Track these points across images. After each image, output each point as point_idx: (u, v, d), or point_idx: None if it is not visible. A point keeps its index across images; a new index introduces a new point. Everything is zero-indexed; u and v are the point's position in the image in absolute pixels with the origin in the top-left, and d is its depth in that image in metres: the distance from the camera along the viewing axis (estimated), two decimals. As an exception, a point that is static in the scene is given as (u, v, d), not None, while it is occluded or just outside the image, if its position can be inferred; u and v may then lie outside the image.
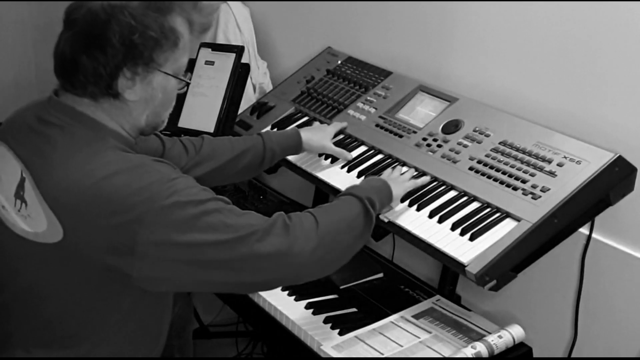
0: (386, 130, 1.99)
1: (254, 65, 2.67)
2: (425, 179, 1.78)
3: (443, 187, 1.76)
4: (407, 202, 1.75)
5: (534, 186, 1.63)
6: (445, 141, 1.85)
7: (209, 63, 2.29)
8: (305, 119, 2.18)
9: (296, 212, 1.49)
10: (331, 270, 1.53)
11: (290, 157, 2.07)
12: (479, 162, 1.75)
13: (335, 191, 1.90)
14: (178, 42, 1.45)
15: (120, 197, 1.33)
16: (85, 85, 1.41)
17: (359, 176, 1.89)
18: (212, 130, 2.21)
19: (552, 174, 1.64)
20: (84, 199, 1.34)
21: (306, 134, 1.98)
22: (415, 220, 1.70)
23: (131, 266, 1.35)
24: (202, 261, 1.36)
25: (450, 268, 1.64)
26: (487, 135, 1.80)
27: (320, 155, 2.01)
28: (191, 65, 2.31)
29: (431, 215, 1.70)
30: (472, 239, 1.60)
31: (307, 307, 1.74)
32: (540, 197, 1.60)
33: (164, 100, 1.50)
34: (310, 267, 1.46)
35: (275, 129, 2.19)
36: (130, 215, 1.32)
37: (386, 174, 1.79)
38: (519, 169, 1.69)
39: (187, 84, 1.54)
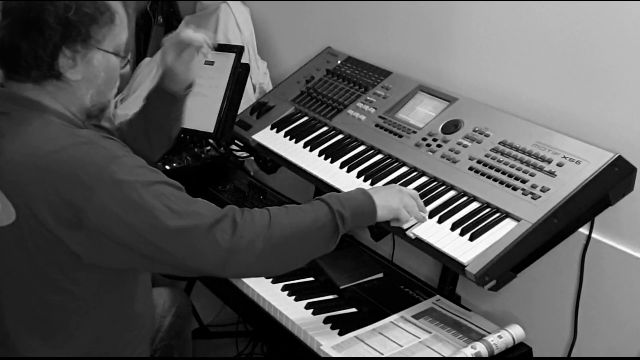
0: (386, 130, 1.99)
1: (254, 65, 2.67)
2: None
3: (443, 187, 1.76)
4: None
5: (533, 186, 1.63)
6: (445, 141, 1.85)
7: (209, 63, 2.29)
8: (305, 118, 2.18)
9: (255, 209, 1.47)
10: (280, 272, 1.52)
11: (289, 157, 2.06)
12: (479, 162, 1.75)
13: (335, 191, 1.90)
14: (114, 18, 1.48)
15: (66, 172, 1.35)
16: (28, 70, 1.44)
17: (358, 176, 1.89)
18: (212, 130, 2.21)
19: (551, 174, 1.64)
20: (31, 175, 1.37)
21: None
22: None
23: (77, 242, 1.38)
24: (142, 245, 1.38)
25: (450, 268, 1.64)
26: (487, 135, 1.80)
27: (320, 155, 2.01)
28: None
29: (431, 215, 1.69)
30: (472, 239, 1.60)
31: (307, 307, 1.74)
32: (540, 197, 1.60)
33: (107, 79, 1.52)
34: (253, 268, 1.46)
35: (275, 130, 2.19)
36: (76, 191, 1.35)
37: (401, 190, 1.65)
38: (518, 169, 1.69)
39: (128, 62, 1.56)
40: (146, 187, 1.37)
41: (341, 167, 1.95)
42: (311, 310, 1.72)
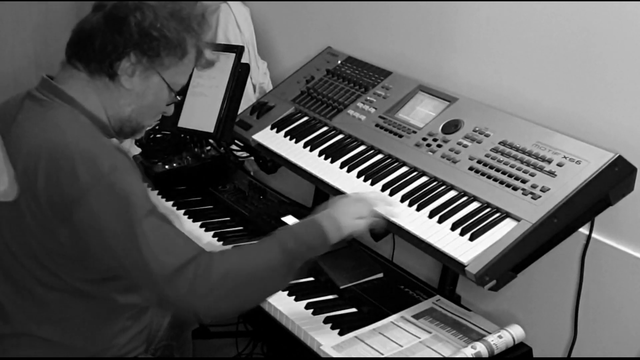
0: (386, 130, 1.99)
1: (254, 65, 2.67)
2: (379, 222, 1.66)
3: (443, 187, 1.76)
4: (407, 202, 1.76)
5: (533, 186, 1.63)
6: (445, 141, 1.85)
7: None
8: (305, 118, 2.18)
9: (218, 253, 1.48)
10: (238, 313, 1.57)
11: (289, 157, 2.07)
12: (479, 162, 1.75)
13: (335, 191, 1.91)
14: (184, 57, 1.56)
15: (70, 166, 1.40)
16: (91, 60, 1.51)
17: (358, 176, 1.89)
18: (212, 130, 2.21)
19: (552, 174, 1.64)
20: (41, 161, 1.42)
21: None
22: (415, 220, 1.70)
23: (64, 234, 1.43)
24: (109, 254, 1.43)
25: (450, 268, 1.64)
26: (487, 135, 1.80)
27: (320, 155, 2.01)
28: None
29: (431, 215, 1.70)
30: (472, 239, 1.60)
31: (307, 307, 1.73)
32: (540, 197, 1.60)
33: (152, 104, 1.58)
34: (210, 311, 1.47)
35: (275, 130, 2.19)
36: (74, 187, 1.39)
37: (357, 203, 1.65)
38: (518, 169, 1.69)
39: (174, 102, 1.63)
40: (137, 207, 1.40)
41: (341, 167, 1.95)
42: (311, 310, 1.72)
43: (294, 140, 2.12)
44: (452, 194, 1.74)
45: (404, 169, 1.86)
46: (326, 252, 1.88)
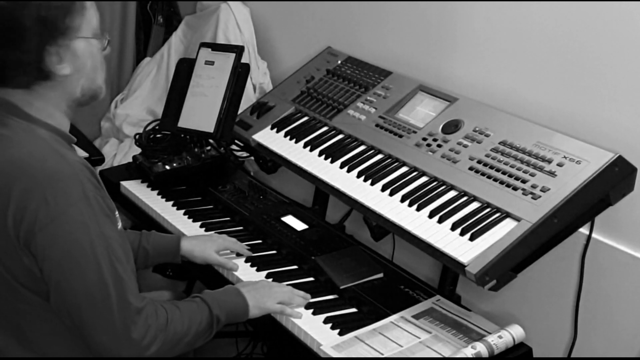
0: (386, 130, 1.99)
1: (254, 65, 2.67)
2: (301, 300, 1.73)
3: (443, 187, 1.76)
4: (407, 202, 1.76)
5: (534, 186, 1.63)
6: (445, 141, 1.85)
7: (209, 63, 2.29)
8: (305, 118, 2.18)
9: (164, 312, 1.51)
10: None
11: (289, 157, 2.07)
12: (479, 162, 1.75)
13: (335, 191, 1.91)
14: (84, 9, 1.47)
15: (39, 191, 1.36)
16: (15, 77, 1.43)
17: (358, 176, 1.89)
18: (212, 130, 2.21)
19: (552, 174, 1.64)
20: (10, 183, 1.37)
21: (189, 244, 1.88)
22: (415, 220, 1.71)
23: (27, 259, 1.39)
24: (58, 292, 1.40)
25: (451, 268, 1.64)
26: (487, 135, 1.80)
27: (320, 155, 2.01)
28: (191, 65, 2.31)
29: (431, 215, 1.70)
30: (472, 239, 1.60)
31: (307, 307, 1.73)
32: (540, 197, 1.60)
33: (94, 64, 1.51)
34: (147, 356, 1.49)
35: (275, 129, 2.19)
36: (40, 213, 1.35)
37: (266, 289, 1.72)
38: (519, 169, 1.69)
39: (108, 42, 1.55)
40: (101, 240, 1.39)
41: (341, 167, 1.95)
42: (311, 310, 1.72)
43: (294, 140, 2.12)
44: (452, 194, 1.74)
45: (404, 169, 1.87)
46: (326, 252, 1.90)
